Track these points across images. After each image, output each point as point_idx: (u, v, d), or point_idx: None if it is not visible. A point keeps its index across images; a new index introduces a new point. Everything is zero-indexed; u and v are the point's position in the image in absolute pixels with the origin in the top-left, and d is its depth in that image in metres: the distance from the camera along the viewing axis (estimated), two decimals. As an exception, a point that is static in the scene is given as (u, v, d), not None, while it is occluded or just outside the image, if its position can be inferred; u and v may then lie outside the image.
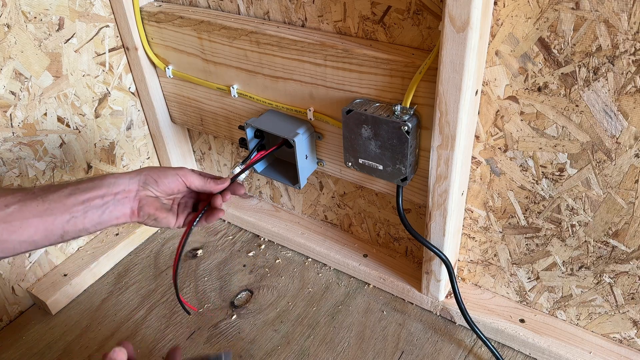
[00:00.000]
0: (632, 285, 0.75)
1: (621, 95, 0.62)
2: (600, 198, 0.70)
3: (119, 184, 0.67)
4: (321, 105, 0.83)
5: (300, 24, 0.83)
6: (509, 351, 0.87)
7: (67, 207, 0.62)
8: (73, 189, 0.64)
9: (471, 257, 0.90)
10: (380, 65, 0.72)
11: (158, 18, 0.94)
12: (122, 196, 0.67)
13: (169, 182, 0.69)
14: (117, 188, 0.66)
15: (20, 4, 0.84)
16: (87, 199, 0.64)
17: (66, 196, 0.63)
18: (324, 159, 0.90)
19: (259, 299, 1.00)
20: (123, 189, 0.67)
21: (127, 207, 0.67)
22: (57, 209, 0.62)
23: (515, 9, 0.63)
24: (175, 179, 0.70)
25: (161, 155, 1.17)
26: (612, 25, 0.58)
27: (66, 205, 0.62)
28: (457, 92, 0.65)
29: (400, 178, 0.77)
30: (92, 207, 0.64)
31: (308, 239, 1.06)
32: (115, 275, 1.07)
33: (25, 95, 0.89)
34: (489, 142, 0.75)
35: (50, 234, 0.62)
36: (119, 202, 0.66)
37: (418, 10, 0.70)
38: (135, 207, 0.68)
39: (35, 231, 0.61)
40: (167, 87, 1.05)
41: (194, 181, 0.71)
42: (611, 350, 0.81)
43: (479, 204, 0.83)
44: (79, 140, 1.01)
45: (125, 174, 0.68)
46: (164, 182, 0.69)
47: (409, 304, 0.96)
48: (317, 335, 0.92)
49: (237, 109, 0.96)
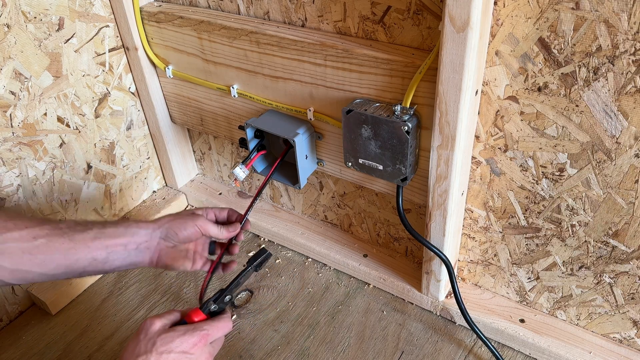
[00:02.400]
0: (632, 285, 0.75)
1: (621, 95, 0.62)
2: (600, 198, 0.70)
3: (141, 235, 0.70)
4: (321, 105, 0.83)
5: (300, 24, 0.83)
6: (509, 351, 0.87)
7: (90, 250, 0.66)
8: (98, 233, 0.67)
9: (471, 257, 0.90)
10: (380, 65, 0.72)
11: (158, 18, 0.94)
12: (143, 247, 0.70)
13: (188, 233, 0.73)
14: (140, 239, 0.70)
15: (20, 4, 0.84)
16: (110, 245, 0.67)
17: (91, 239, 0.66)
18: (324, 159, 0.90)
19: (259, 299, 1.00)
20: (145, 240, 0.70)
21: (146, 257, 0.71)
22: (81, 250, 0.65)
23: (515, 9, 0.63)
24: (193, 230, 0.73)
25: (161, 155, 1.17)
26: (612, 25, 0.58)
27: (90, 248, 0.66)
28: (457, 92, 0.65)
29: (400, 178, 0.77)
30: (114, 253, 0.68)
31: (308, 239, 1.06)
32: (115, 275, 1.07)
33: (25, 95, 0.89)
34: (489, 142, 0.75)
35: (70, 271, 0.66)
36: (140, 252, 0.70)
37: (418, 10, 0.70)
38: (155, 258, 0.72)
39: (57, 266, 0.64)
40: (167, 87, 1.05)
41: (209, 229, 0.74)
42: (611, 350, 0.81)
43: (479, 204, 0.83)
44: (79, 140, 1.01)
45: (148, 224, 0.71)
46: (184, 234, 0.72)
47: (409, 304, 0.96)
48: (317, 335, 0.92)
49: (237, 109, 0.96)
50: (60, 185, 1.00)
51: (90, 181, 1.06)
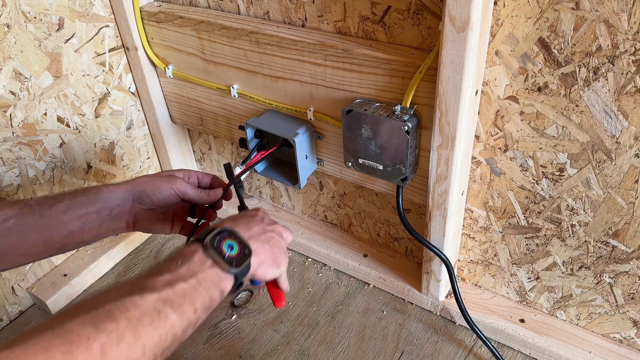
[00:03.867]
0: (632, 285, 0.75)
1: (621, 95, 0.62)
2: (600, 198, 0.70)
3: (114, 199, 0.67)
4: (321, 105, 0.83)
5: (300, 24, 0.83)
6: (509, 351, 0.87)
7: (64, 223, 0.63)
8: (69, 204, 0.64)
9: (471, 257, 0.90)
10: (380, 65, 0.72)
11: (158, 18, 0.94)
12: (117, 211, 0.67)
13: (163, 196, 0.70)
14: (112, 203, 0.67)
15: (20, 4, 0.84)
16: (83, 214, 0.65)
17: (63, 211, 0.63)
18: (324, 159, 0.90)
19: (259, 299, 1.00)
20: (118, 204, 0.67)
21: (122, 222, 0.68)
22: (55, 225, 0.63)
23: (515, 8, 0.63)
24: (169, 193, 0.70)
25: (161, 155, 1.17)
26: (612, 25, 0.58)
27: (63, 221, 0.63)
28: (457, 92, 0.65)
29: (400, 178, 0.77)
30: (89, 222, 0.65)
31: (308, 238, 1.06)
32: (115, 275, 1.07)
33: (25, 95, 0.89)
34: (489, 142, 0.75)
35: (49, 247, 0.63)
36: (115, 217, 0.68)
37: (418, 10, 0.70)
38: (131, 221, 0.69)
39: (34, 245, 0.62)
40: (167, 87, 1.05)
41: (187, 192, 0.71)
42: (611, 350, 0.81)
43: (479, 204, 0.83)
44: (79, 140, 1.01)
45: (119, 187, 0.68)
46: (158, 197, 0.69)
47: (409, 304, 0.96)
48: (317, 335, 0.92)
49: (237, 109, 0.96)
50: (60, 185, 1.00)
51: (90, 181, 1.06)
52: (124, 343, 0.42)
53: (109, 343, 0.41)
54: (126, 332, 0.42)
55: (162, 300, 0.46)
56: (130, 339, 0.42)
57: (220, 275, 0.52)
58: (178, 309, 0.47)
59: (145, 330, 0.44)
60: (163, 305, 0.46)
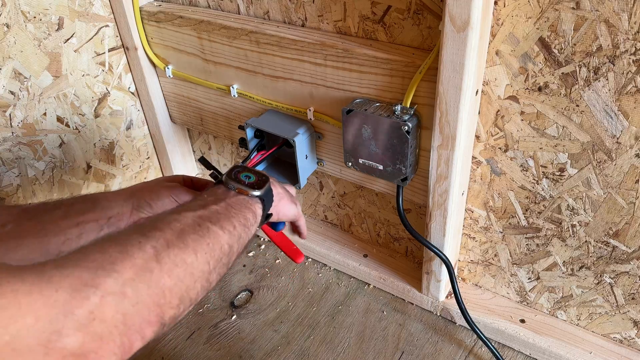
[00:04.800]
0: (633, 285, 0.75)
1: (622, 95, 0.61)
2: (600, 198, 0.70)
3: (112, 207, 0.67)
4: (321, 105, 0.83)
5: (300, 23, 0.82)
6: (509, 351, 0.87)
7: (61, 229, 0.63)
8: (67, 210, 0.64)
9: (471, 257, 0.90)
10: (381, 65, 0.72)
11: (158, 18, 0.94)
12: (115, 219, 0.67)
13: (162, 203, 0.70)
14: (111, 212, 0.67)
15: (20, 4, 0.84)
16: (81, 222, 0.64)
17: (60, 218, 0.63)
18: (324, 159, 0.90)
19: (259, 299, 1.00)
20: (117, 212, 0.67)
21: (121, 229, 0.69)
22: (52, 231, 0.63)
23: (516, 8, 0.63)
24: (168, 200, 0.70)
25: (161, 155, 1.17)
26: (612, 25, 0.58)
27: (60, 227, 0.63)
28: (458, 92, 0.65)
29: (401, 178, 0.77)
30: (87, 230, 0.65)
31: (308, 239, 1.06)
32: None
33: (25, 95, 0.89)
34: (490, 142, 0.75)
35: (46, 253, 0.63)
36: (113, 225, 0.67)
37: (418, 10, 0.70)
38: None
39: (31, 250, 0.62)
40: (166, 87, 1.05)
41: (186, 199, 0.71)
42: (611, 351, 0.81)
43: (480, 204, 0.83)
44: (79, 140, 1.01)
45: (118, 195, 0.68)
46: (157, 204, 0.69)
47: (409, 304, 0.96)
48: (317, 336, 0.92)
49: (237, 108, 0.95)
50: (60, 185, 1.00)
51: (90, 181, 1.06)
52: (174, 247, 0.46)
53: (160, 246, 0.45)
54: (173, 239, 0.46)
55: (199, 217, 0.50)
56: (180, 243, 0.46)
57: (247, 199, 0.57)
58: (217, 223, 0.51)
59: (192, 238, 0.48)
60: (202, 220, 0.50)
